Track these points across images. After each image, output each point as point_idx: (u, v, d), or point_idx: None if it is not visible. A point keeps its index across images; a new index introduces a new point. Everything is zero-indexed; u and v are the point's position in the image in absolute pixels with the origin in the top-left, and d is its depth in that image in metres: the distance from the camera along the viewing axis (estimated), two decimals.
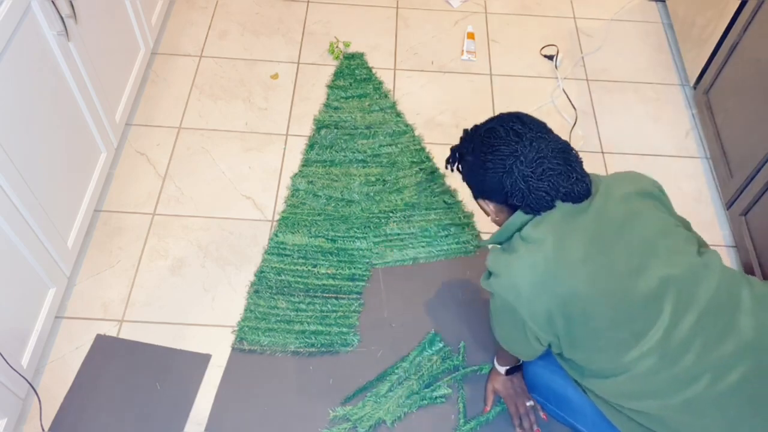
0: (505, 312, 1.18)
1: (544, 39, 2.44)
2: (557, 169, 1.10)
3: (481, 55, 2.38)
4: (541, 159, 1.09)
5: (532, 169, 1.10)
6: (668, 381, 1.10)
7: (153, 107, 2.13)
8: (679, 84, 2.33)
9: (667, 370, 1.10)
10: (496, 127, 1.14)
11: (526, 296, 1.11)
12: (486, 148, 1.13)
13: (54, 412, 1.51)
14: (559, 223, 1.11)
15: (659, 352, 1.09)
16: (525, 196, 1.11)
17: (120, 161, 1.98)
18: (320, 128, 2.11)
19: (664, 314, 1.09)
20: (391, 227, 1.87)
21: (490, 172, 1.13)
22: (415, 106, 2.20)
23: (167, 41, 2.32)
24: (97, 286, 1.73)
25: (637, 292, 1.09)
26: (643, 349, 1.09)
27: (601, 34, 2.48)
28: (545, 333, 1.15)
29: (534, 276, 1.09)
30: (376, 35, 2.41)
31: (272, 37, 2.38)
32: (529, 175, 1.10)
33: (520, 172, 1.10)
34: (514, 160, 1.10)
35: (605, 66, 2.38)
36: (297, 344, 1.64)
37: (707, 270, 1.13)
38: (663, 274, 1.10)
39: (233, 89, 2.21)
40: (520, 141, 1.11)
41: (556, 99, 2.26)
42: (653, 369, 1.10)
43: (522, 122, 1.13)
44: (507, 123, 1.14)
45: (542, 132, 1.13)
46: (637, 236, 1.12)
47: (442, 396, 1.57)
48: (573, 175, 1.11)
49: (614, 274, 1.09)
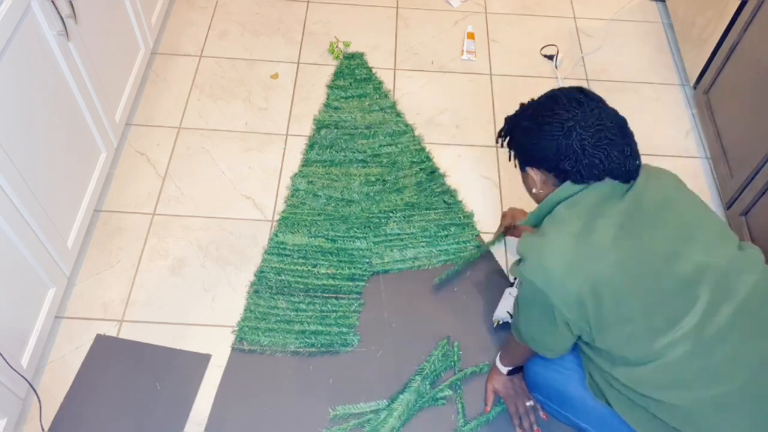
0: (534, 300, 1.16)
1: (544, 39, 2.44)
2: (615, 140, 1.10)
3: (481, 55, 2.38)
4: (600, 126, 1.10)
5: (590, 134, 1.10)
6: (701, 372, 1.07)
7: (153, 107, 2.13)
8: (680, 84, 2.33)
9: (700, 359, 1.07)
10: (558, 94, 1.15)
11: (557, 277, 1.09)
12: (546, 111, 1.14)
13: (54, 412, 1.51)
14: (593, 206, 1.11)
15: (693, 339, 1.06)
16: (578, 161, 1.11)
17: (120, 161, 1.98)
18: (320, 128, 2.11)
19: (701, 302, 1.06)
20: (391, 227, 1.87)
21: (546, 135, 1.13)
22: (415, 106, 2.20)
23: (167, 41, 2.32)
24: (97, 286, 1.73)
25: (671, 277, 1.07)
26: (676, 335, 1.07)
27: (601, 34, 2.48)
28: (576, 318, 1.12)
29: (563, 257, 1.08)
30: (376, 35, 2.41)
31: (272, 37, 2.38)
32: (586, 139, 1.10)
33: (578, 135, 1.10)
34: (573, 123, 1.11)
35: (605, 66, 2.38)
36: (297, 344, 1.64)
37: (747, 264, 1.11)
38: (700, 261, 1.08)
39: (233, 89, 2.21)
40: (580, 108, 1.12)
41: None
42: (686, 357, 1.07)
43: (584, 93, 1.15)
44: (569, 92, 1.15)
45: (603, 104, 1.14)
46: (675, 221, 1.11)
47: (444, 398, 1.57)
48: (628, 150, 1.11)
49: (647, 258, 1.08)
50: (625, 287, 1.08)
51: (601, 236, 1.08)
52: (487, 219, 1.93)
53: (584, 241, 1.08)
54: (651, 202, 1.13)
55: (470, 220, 1.90)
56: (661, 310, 1.08)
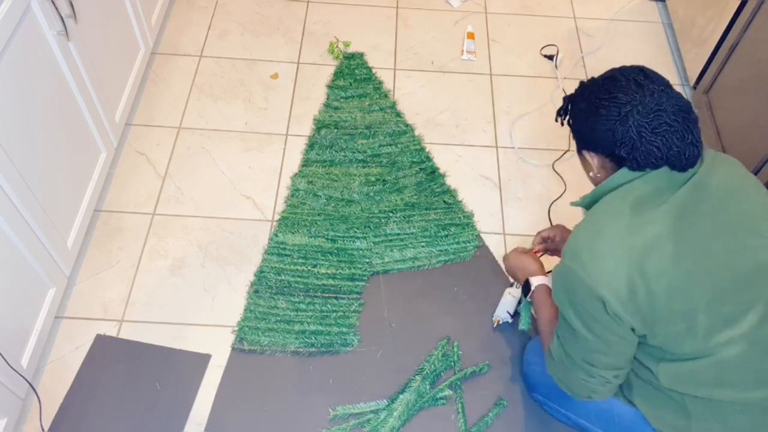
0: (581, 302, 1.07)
1: (544, 39, 2.44)
2: (674, 126, 1.04)
3: (481, 54, 2.38)
4: (659, 112, 1.04)
5: (648, 120, 1.04)
6: (755, 373, 1.05)
7: (153, 107, 2.13)
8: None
9: (755, 361, 1.04)
10: (617, 75, 1.09)
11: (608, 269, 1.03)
12: (603, 94, 1.08)
13: (54, 412, 1.51)
14: (648, 196, 1.05)
15: (750, 339, 1.03)
16: (635, 148, 1.05)
17: (120, 161, 1.98)
18: (320, 128, 2.11)
19: (762, 302, 1.03)
20: (390, 227, 1.87)
21: (602, 119, 1.07)
22: (415, 106, 2.20)
23: (167, 41, 2.32)
24: (97, 286, 1.73)
25: (731, 273, 1.03)
26: (732, 334, 1.03)
27: (602, 34, 2.48)
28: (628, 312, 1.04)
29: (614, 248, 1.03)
30: (376, 35, 2.41)
31: (272, 37, 2.38)
32: (644, 125, 1.04)
33: (635, 122, 1.05)
34: (630, 108, 1.05)
35: (605, 66, 2.36)
36: (297, 344, 1.64)
37: None
38: (762, 259, 1.04)
39: (233, 89, 2.21)
40: (640, 91, 1.06)
41: (556, 99, 2.25)
42: (740, 357, 1.04)
43: (645, 74, 1.08)
44: (629, 73, 1.08)
45: (665, 87, 1.07)
46: (740, 211, 1.06)
47: (444, 398, 1.57)
48: (688, 137, 1.04)
49: (705, 251, 1.03)
50: (681, 282, 1.02)
51: (655, 227, 1.02)
52: (486, 219, 1.93)
53: (637, 233, 1.03)
54: (715, 189, 1.07)
55: (470, 220, 1.91)
56: (718, 308, 1.03)
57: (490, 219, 1.93)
